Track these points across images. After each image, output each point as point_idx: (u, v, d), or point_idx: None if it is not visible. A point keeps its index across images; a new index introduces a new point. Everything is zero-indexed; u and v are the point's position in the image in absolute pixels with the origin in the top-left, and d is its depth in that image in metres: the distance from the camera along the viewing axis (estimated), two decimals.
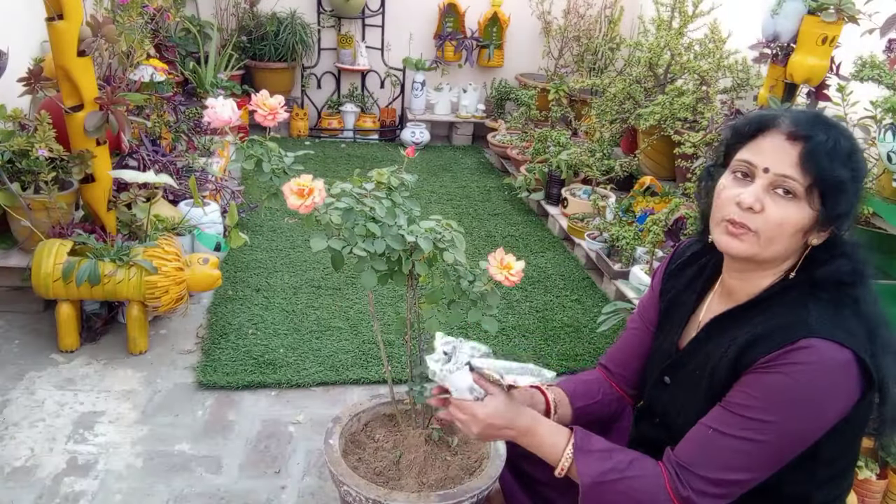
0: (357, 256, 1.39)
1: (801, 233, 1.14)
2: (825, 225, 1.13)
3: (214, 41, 4.47)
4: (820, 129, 1.11)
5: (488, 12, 5.17)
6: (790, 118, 1.14)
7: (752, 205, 1.12)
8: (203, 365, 2.45)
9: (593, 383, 1.50)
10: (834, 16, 2.37)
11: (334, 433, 1.65)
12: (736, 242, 1.16)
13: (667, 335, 1.38)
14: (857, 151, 1.13)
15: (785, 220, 1.12)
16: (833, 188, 1.10)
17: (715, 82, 3.60)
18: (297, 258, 3.28)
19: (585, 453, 1.21)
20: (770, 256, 1.17)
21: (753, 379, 1.12)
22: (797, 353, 1.08)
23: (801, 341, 1.08)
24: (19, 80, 2.45)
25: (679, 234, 2.86)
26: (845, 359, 1.07)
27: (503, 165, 4.82)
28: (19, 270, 2.57)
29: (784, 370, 1.09)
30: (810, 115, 1.15)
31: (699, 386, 1.24)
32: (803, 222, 1.12)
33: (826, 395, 1.08)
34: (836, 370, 1.07)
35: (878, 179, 2.45)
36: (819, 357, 1.07)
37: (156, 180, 2.48)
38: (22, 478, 1.93)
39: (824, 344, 1.07)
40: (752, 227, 1.14)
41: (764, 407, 1.10)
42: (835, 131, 1.12)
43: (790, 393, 1.08)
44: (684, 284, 1.38)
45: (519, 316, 2.96)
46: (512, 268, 1.39)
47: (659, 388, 1.36)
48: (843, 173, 1.10)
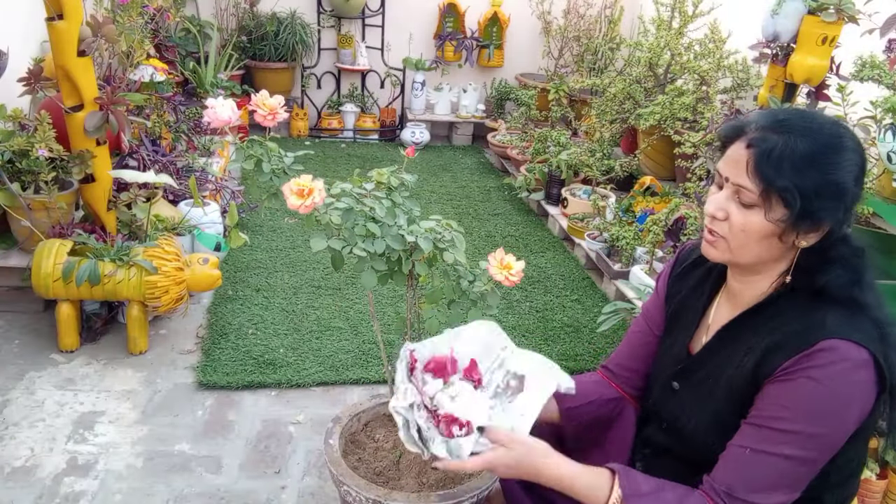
0: (357, 256, 1.39)
1: (773, 237, 1.12)
2: (801, 228, 1.10)
3: (214, 41, 4.47)
4: (775, 133, 1.08)
5: (488, 12, 5.17)
6: (758, 123, 1.12)
7: (714, 214, 1.15)
8: (203, 365, 2.45)
9: (588, 384, 1.47)
10: (834, 16, 2.36)
11: (334, 433, 1.65)
12: (711, 249, 1.19)
13: (676, 339, 1.36)
14: (824, 153, 1.08)
15: (747, 226, 1.12)
16: (786, 195, 1.07)
17: (715, 82, 3.60)
18: (297, 258, 3.28)
19: (636, 499, 1.15)
20: (749, 261, 1.17)
21: (778, 388, 1.11)
22: (818, 354, 1.07)
23: (821, 343, 1.07)
24: (19, 80, 2.45)
25: (679, 233, 2.86)
26: (864, 358, 1.07)
27: (503, 165, 4.82)
28: (19, 270, 2.57)
29: (808, 373, 1.07)
30: (775, 117, 1.12)
31: (713, 394, 1.22)
32: (768, 228, 1.10)
33: (851, 395, 1.07)
34: (858, 369, 1.06)
35: (878, 179, 2.45)
36: (841, 356, 1.06)
37: (156, 180, 2.48)
38: (22, 478, 1.93)
39: (844, 344, 1.07)
40: (721, 233, 1.16)
41: (794, 416, 1.08)
42: (794, 134, 1.08)
43: (817, 395, 1.07)
44: (692, 287, 1.36)
45: (519, 316, 2.96)
46: (512, 268, 1.39)
47: (667, 393, 1.33)
48: (793, 180, 1.06)
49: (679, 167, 3.37)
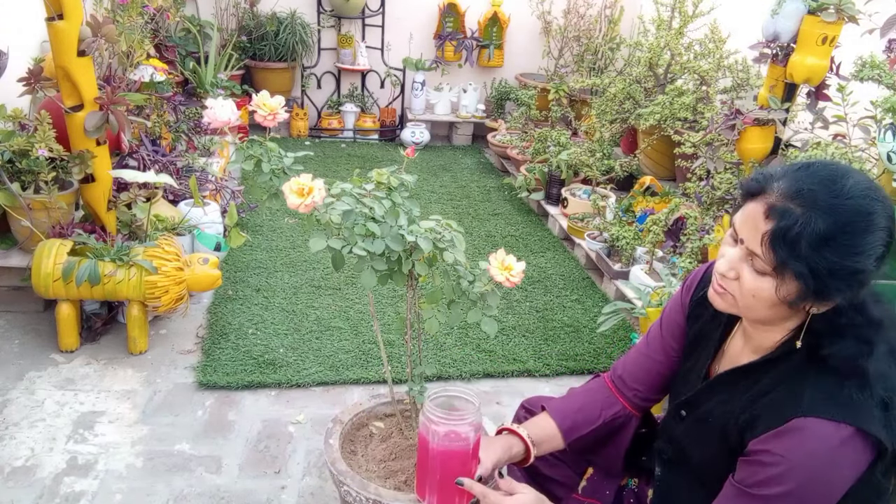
0: (357, 256, 1.39)
1: (782, 304, 1.07)
2: (812, 301, 1.05)
3: (214, 41, 4.48)
4: (797, 205, 1.01)
5: (488, 12, 5.17)
6: (781, 187, 1.04)
7: (725, 273, 1.11)
8: (203, 365, 2.45)
9: (595, 406, 1.45)
10: (834, 16, 2.36)
11: (334, 433, 1.65)
12: (718, 299, 1.15)
13: (693, 365, 1.33)
14: (846, 233, 1.00)
15: (758, 292, 1.07)
16: (799, 274, 1.01)
17: (715, 82, 3.60)
18: (297, 258, 3.28)
19: None
20: (756, 319, 1.14)
21: (754, 466, 1.10)
22: (787, 436, 1.05)
23: (792, 422, 1.05)
24: (19, 80, 2.45)
25: (679, 233, 2.86)
26: (842, 436, 1.03)
27: (503, 165, 4.82)
28: (19, 270, 2.57)
29: (781, 453, 1.06)
30: (800, 186, 1.02)
31: (711, 434, 1.22)
32: (779, 297, 1.05)
33: (829, 472, 1.04)
34: (833, 449, 1.03)
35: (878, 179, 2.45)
36: (813, 436, 1.04)
37: (156, 180, 2.48)
38: (22, 478, 1.93)
39: (817, 423, 1.04)
40: (730, 290, 1.12)
41: (771, 491, 1.07)
42: (816, 211, 1.00)
43: (794, 474, 1.05)
44: (710, 316, 1.31)
45: (519, 316, 2.96)
46: (512, 269, 1.39)
47: (676, 419, 1.33)
48: (808, 262, 0.99)
49: (679, 167, 3.37)
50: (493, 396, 2.46)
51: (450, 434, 1.33)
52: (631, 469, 1.51)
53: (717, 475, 1.18)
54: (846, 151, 2.34)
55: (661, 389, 1.44)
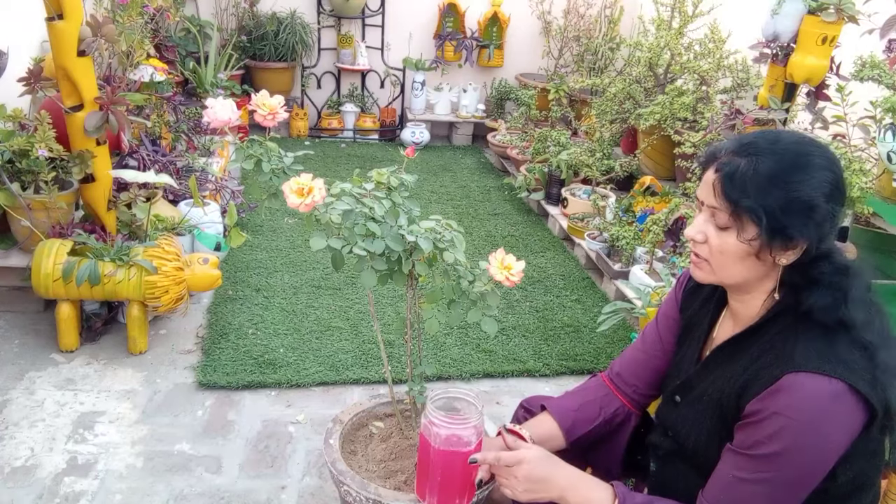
0: (357, 256, 1.39)
1: (750, 257, 1.14)
2: (774, 245, 1.12)
3: (214, 41, 4.47)
4: (741, 156, 1.12)
5: (488, 12, 5.17)
6: (727, 147, 1.16)
7: (693, 237, 1.20)
8: (203, 365, 2.45)
9: (594, 404, 1.48)
10: (834, 16, 2.37)
11: (334, 433, 1.65)
12: (697, 271, 1.23)
13: (685, 353, 1.37)
14: (787, 171, 1.10)
15: (723, 247, 1.15)
16: (752, 214, 1.10)
17: (715, 82, 3.60)
18: (297, 258, 3.28)
19: None
20: (735, 281, 1.19)
21: (751, 427, 1.12)
22: (781, 394, 1.08)
23: (784, 378, 1.08)
24: (19, 80, 2.45)
25: (679, 233, 2.85)
26: (835, 390, 1.06)
27: (503, 165, 4.82)
28: (19, 270, 2.57)
29: (775, 413, 1.08)
30: (742, 141, 1.16)
31: (707, 411, 1.24)
32: (743, 248, 1.13)
33: (822, 427, 1.07)
34: (826, 403, 1.06)
35: (878, 179, 2.45)
36: (806, 393, 1.06)
37: (156, 180, 2.48)
38: (22, 478, 1.93)
39: (809, 378, 1.07)
40: (703, 256, 1.20)
41: (769, 450, 1.09)
42: (758, 156, 1.11)
43: (789, 431, 1.07)
44: (700, 304, 1.38)
45: (519, 316, 2.96)
46: (512, 268, 1.39)
47: (670, 405, 1.35)
48: (757, 199, 1.09)
49: (679, 167, 3.37)
50: (493, 396, 2.46)
51: (451, 437, 1.33)
52: (629, 469, 1.52)
53: (713, 458, 1.20)
54: (846, 151, 2.34)
55: (658, 385, 1.46)
